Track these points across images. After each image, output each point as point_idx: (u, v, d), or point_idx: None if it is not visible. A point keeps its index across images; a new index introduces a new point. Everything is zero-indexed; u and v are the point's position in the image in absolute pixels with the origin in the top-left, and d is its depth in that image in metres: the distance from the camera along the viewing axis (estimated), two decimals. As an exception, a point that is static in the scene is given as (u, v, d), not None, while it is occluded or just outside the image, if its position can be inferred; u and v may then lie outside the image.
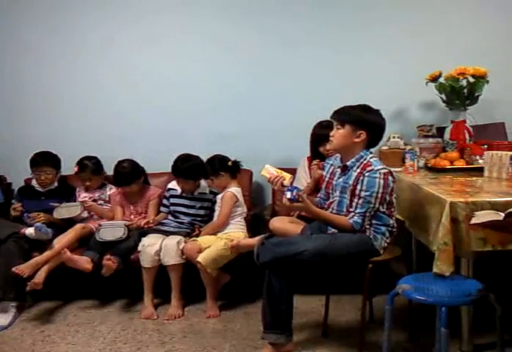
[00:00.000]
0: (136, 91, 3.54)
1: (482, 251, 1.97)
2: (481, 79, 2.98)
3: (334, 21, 3.42)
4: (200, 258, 2.70)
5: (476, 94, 3.01)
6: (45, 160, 3.20)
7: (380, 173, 2.17)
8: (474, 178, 2.55)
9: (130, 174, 3.09)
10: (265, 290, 2.21)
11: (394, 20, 3.40)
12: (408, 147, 3.12)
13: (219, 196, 3.01)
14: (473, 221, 1.74)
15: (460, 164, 2.81)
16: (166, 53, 3.51)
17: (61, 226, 3.02)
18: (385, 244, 2.27)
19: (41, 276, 2.70)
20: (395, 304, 2.10)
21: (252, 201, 3.36)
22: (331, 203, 2.36)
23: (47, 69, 3.55)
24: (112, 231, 2.89)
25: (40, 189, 3.22)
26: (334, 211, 2.31)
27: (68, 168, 3.29)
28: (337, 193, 2.31)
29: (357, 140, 2.24)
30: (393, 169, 2.87)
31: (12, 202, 3.18)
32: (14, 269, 2.65)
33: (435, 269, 1.96)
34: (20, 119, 3.60)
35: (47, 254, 2.78)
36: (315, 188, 2.83)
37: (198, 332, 2.56)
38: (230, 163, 2.98)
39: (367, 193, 2.17)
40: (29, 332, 2.64)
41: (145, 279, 2.82)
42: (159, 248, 2.78)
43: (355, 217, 2.20)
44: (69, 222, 3.05)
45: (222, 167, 2.96)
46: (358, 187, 2.20)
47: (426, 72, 3.13)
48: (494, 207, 1.91)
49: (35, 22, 3.51)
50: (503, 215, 1.54)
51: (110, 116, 3.56)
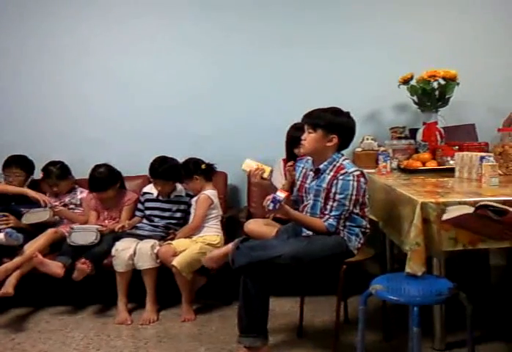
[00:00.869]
0: (111, 94, 3.51)
1: (453, 250, 2.00)
2: (451, 81, 3.03)
3: (310, 23, 3.45)
4: (175, 262, 2.68)
5: (447, 96, 3.06)
6: (16, 162, 3.15)
7: (353, 175, 2.19)
8: (445, 179, 2.59)
9: (106, 179, 3.04)
10: (241, 294, 2.19)
11: (368, 23, 3.45)
12: (381, 149, 3.16)
13: (194, 198, 2.99)
14: (445, 217, 1.77)
15: (432, 165, 2.85)
16: (141, 56, 3.49)
17: (31, 231, 2.96)
18: (359, 245, 2.29)
19: (12, 283, 2.64)
20: (370, 304, 2.11)
21: (227, 203, 3.35)
22: (305, 206, 2.36)
23: (22, 72, 3.51)
24: (84, 235, 2.85)
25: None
26: (308, 214, 2.32)
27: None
28: (311, 196, 2.32)
29: (329, 144, 2.25)
30: (367, 171, 2.91)
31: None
32: (-17, 276, 2.59)
33: (407, 269, 1.98)
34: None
35: (17, 260, 2.72)
36: (291, 190, 2.83)
37: (173, 336, 2.54)
38: (204, 166, 2.97)
39: (342, 196, 2.19)
40: (-1, 340, 2.58)
41: (119, 284, 2.78)
42: (133, 252, 2.75)
43: (330, 220, 2.21)
44: (40, 227, 2.99)
45: (196, 170, 2.95)
46: (332, 190, 2.21)
47: (399, 74, 3.17)
48: (464, 207, 1.93)
49: (10, 25, 3.46)
50: (473, 208, 1.58)
51: (85, 119, 3.52)
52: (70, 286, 2.80)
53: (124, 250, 2.76)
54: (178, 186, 3.12)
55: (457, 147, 2.84)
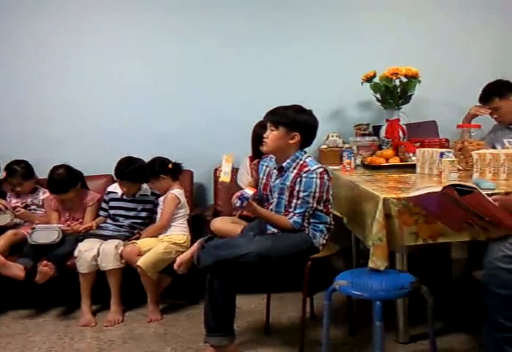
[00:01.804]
0: (73, 93, 3.43)
1: (414, 245, 2.03)
2: (413, 79, 3.08)
3: (273, 22, 3.44)
4: (140, 262, 2.65)
5: (408, 93, 3.11)
6: None
7: (316, 173, 2.21)
8: (407, 175, 2.63)
9: (66, 181, 2.96)
10: (207, 293, 2.18)
11: (331, 21, 3.47)
12: (346, 146, 3.19)
13: (161, 198, 2.95)
14: (412, 194, 1.79)
15: (394, 161, 2.89)
16: (103, 54, 3.42)
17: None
18: (324, 241, 2.31)
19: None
20: (337, 300, 2.13)
21: (194, 201, 3.33)
22: (269, 204, 2.36)
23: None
24: (46, 234, 2.78)
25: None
26: (273, 212, 2.32)
27: (-1, 173, 3.14)
28: (276, 194, 2.32)
29: (292, 141, 2.26)
30: (331, 167, 2.95)
31: None
32: None
33: (370, 264, 2.01)
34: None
35: (-24, 264, 2.63)
36: (256, 187, 2.83)
37: (138, 337, 2.50)
38: (171, 165, 2.94)
39: (306, 193, 2.20)
40: (-43, 346, 2.49)
41: (82, 286, 2.72)
42: (97, 253, 2.70)
43: (295, 217, 2.22)
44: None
45: (163, 170, 2.92)
46: (296, 188, 2.22)
47: (362, 72, 3.21)
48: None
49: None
50: (440, 188, 1.61)
51: (47, 118, 3.43)
52: (32, 289, 2.74)
53: (87, 251, 2.70)
54: (144, 185, 3.08)
55: (419, 144, 2.89)
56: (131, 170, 2.93)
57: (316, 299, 2.62)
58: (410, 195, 1.83)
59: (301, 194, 2.21)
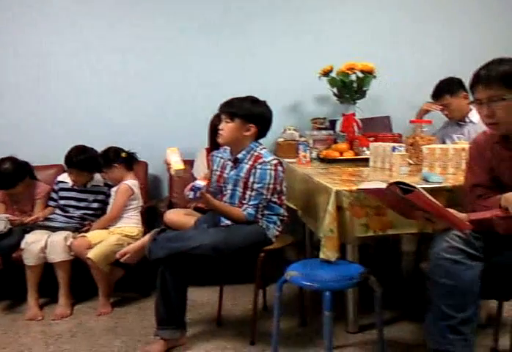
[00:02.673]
0: (27, 80, 3.32)
1: (365, 236, 2.06)
2: (369, 74, 3.13)
3: (234, 12, 3.43)
4: (91, 254, 2.59)
5: (364, 88, 3.16)
6: None
7: (271, 164, 2.21)
8: (361, 168, 2.67)
9: (13, 175, 2.82)
10: (158, 286, 2.15)
11: (290, 15, 3.48)
12: (302, 139, 3.21)
13: (114, 188, 2.89)
14: (361, 187, 1.83)
15: (349, 155, 2.93)
16: (55, 41, 3.31)
17: None
18: (277, 233, 2.31)
19: None
20: (290, 291, 2.13)
21: (148, 193, 3.27)
22: (223, 196, 2.35)
23: None
24: None
25: None
26: (227, 204, 2.31)
27: None
28: (230, 186, 2.31)
29: (247, 133, 2.25)
30: (288, 160, 2.96)
31: None
32: None
33: (321, 255, 2.03)
34: None
35: None
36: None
37: (87, 331, 2.45)
38: (125, 154, 2.88)
39: (260, 185, 2.20)
40: None
41: (29, 278, 2.63)
42: (44, 244, 2.62)
43: (248, 209, 2.22)
44: None
45: (116, 159, 2.86)
46: (251, 179, 2.22)
47: (320, 67, 3.23)
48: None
49: None
50: (386, 184, 1.65)
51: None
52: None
53: (34, 242, 2.61)
54: (96, 176, 3.01)
55: (372, 138, 2.93)
56: (80, 159, 2.86)
57: (269, 291, 2.62)
58: (360, 187, 1.85)
59: (256, 186, 2.20)
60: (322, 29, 3.49)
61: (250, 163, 2.25)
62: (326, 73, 3.21)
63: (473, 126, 2.92)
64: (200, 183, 2.11)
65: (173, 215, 2.75)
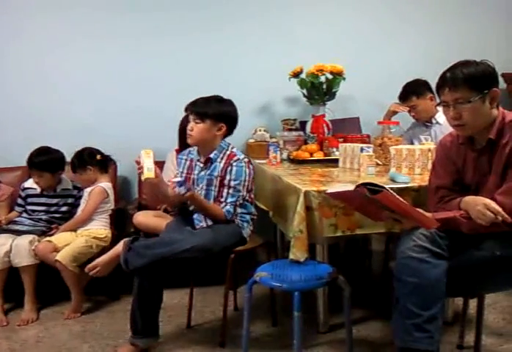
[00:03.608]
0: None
1: (333, 236, 2.08)
2: (338, 76, 3.16)
3: (201, 14, 3.42)
4: (59, 256, 2.55)
5: (333, 90, 3.18)
6: None
7: (245, 162, 2.24)
8: (330, 169, 2.69)
9: None
10: (135, 296, 2.09)
11: (261, 15, 3.49)
12: (272, 140, 3.22)
13: (88, 189, 2.84)
14: (329, 191, 1.84)
15: (318, 156, 2.95)
16: (20, 40, 3.24)
17: None
18: (249, 232, 2.33)
19: None
20: (261, 292, 2.12)
21: (117, 195, 3.21)
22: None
23: None
24: None
25: None
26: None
27: None
28: (202, 186, 2.29)
29: (218, 133, 2.26)
30: (258, 161, 2.97)
31: None
32: None
33: (291, 256, 2.03)
34: None
35: None
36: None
37: (53, 336, 2.39)
38: (99, 156, 2.84)
39: (237, 182, 2.21)
40: None
41: (-7, 283, 2.56)
42: (9, 248, 2.55)
43: (227, 206, 2.22)
44: None
45: (91, 161, 2.82)
46: (227, 177, 2.22)
47: (290, 68, 3.24)
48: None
49: None
50: (354, 186, 1.67)
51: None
52: None
53: (-1, 246, 2.54)
54: (64, 179, 2.95)
55: (342, 139, 2.96)
56: (41, 160, 2.79)
57: (240, 293, 2.61)
58: (328, 191, 1.86)
59: (233, 183, 2.21)
60: (292, 31, 3.52)
61: (224, 161, 2.25)
62: (296, 75, 3.23)
63: (439, 127, 2.98)
64: (180, 179, 2.13)
65: (142, 217, 2.73)
